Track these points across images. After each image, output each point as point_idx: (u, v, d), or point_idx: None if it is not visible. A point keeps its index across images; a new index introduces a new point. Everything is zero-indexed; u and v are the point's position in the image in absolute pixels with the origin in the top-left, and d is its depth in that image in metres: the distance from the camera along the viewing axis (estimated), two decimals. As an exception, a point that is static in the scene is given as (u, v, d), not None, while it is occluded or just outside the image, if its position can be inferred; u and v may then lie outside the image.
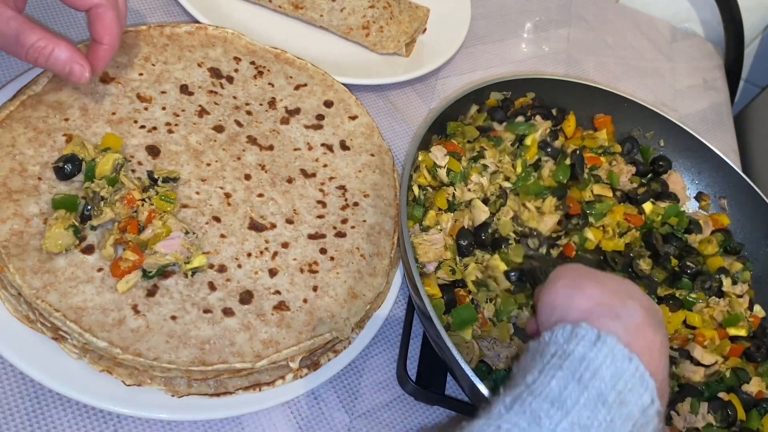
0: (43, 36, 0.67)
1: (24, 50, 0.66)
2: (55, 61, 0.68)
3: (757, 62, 1.54)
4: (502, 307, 0.84)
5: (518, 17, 1.33)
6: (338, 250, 0.80)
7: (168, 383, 0.68)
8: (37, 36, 0.66)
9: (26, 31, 0.66)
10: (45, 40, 0.67)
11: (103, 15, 0.71)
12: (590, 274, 0.63)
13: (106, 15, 0.71)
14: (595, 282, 0.61)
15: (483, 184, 0.92)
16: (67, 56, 0.68)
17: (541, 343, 0.57)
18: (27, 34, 0.66)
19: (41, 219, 0.69)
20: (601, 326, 0.55)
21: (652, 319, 0.58)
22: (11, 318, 0.67)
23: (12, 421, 0.65)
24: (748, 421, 0.84)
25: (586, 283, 0.60)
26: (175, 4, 1.02)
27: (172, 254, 0.70)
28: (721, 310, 0.95)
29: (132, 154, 0.78)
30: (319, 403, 0.75)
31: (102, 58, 0.72)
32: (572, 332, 0.55)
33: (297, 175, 0.85)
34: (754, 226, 1.04)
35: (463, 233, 0.87)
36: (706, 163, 1.08)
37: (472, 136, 0.97)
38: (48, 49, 0.67)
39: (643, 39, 1.43)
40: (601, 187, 1.01)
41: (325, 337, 0.72)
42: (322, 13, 1.06)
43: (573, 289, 0.60)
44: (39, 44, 0.66)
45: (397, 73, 1.06)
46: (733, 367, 0.88)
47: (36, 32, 0.66)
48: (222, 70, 0.90)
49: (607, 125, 1.09)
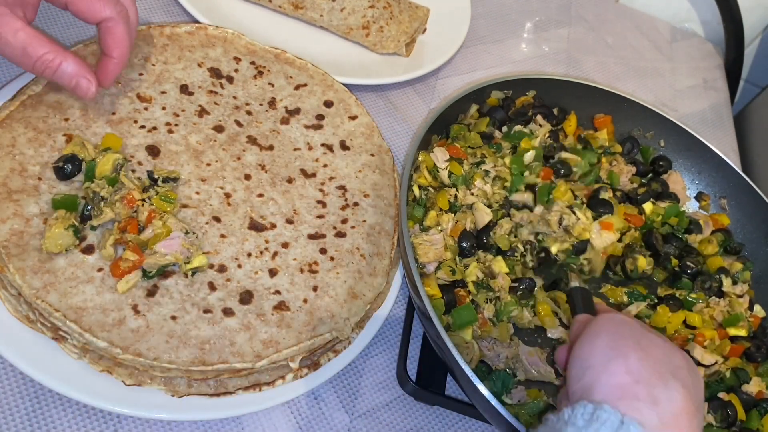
0: (51, 49, 0.66)
1: (31, 62, 0.66)
2: (62, 75, 0.68)
3: (757, 62, 1.54)
4: (503, 308, 0.84)
5: (518, 17, 1.33)
6: (338, 250, 0.80)
7: (168, 383, 0.68)
8: (44, 49, 0.66)
9: (34, 42, 0.65)
10: (53, 53, 0.66)
11: (114, 29, 0.70)
12: (635, 334, 0.59)
13: (116, 29, 0.70)
14: (637, 348, 0.56)
15: (486, 191, 0.92)
16: (74, 70, 0.68)
17: (560, 420, 0.53)
18: (35, 46, 0.65)
19: (41, 219, 0.69)
20: (634, 412, 0.51)
21: (692, 404, 0.54)
22: (11, 318, 0.67)
23: (12, 421, 0.65)
24: (748, 421, 0.84)
25: (628, 349, 0.56)
26: (175, 4, 1.02)
27: (172, 254, 0.70)
28: (721, 310, 0.95)
29: (132, 154, 0.78)
30: (319, 403, 0.75)
31: (111, 71, 0.72)
32: (593, 415, 0.51)
33: (297, 175, 0.85)
34: (754, 226, 1.04)
35: (465, 235, 0.87)
36: (706, 163, 1.08)
37: (475, 143, 0.97)
38: (56, 63, 0.67)
39: (643, 39, 1.43)
40: None
41: (325, 337, 0.72)
42: (322, 13, 1.06)
43: (613, 351, 0.56)
44: (47, 57, 0.66)
45: (397, 73, 1.06)
46: (733, 367, 0.88)
47: (44, 44, 0.66)
48: (222, 70, 0.90)
49: (607, 125, 1.09)
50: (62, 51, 0.67)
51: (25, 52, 0.65)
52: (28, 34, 0.65)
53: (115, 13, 0.69)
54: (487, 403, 0.67)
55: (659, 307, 0.93)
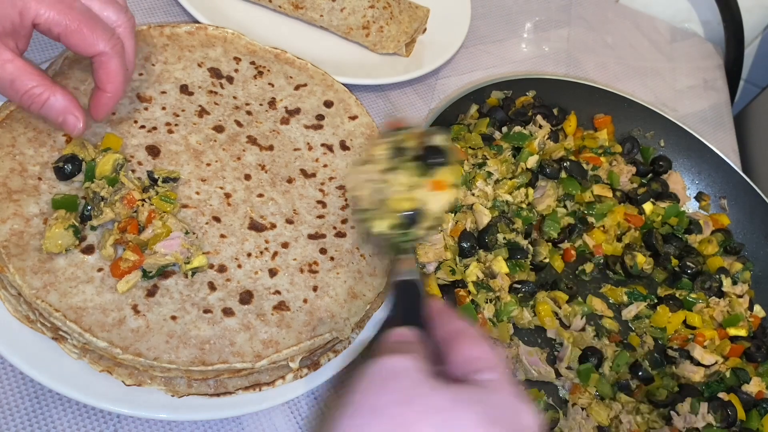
0: (40, 82, 0.64)
1: (19, 96, 0.64)
2: (49, 110, 0.66)
3: (757, 62, 1.54)
4: (502, 308, 0.84)
5: (518, 17, 1.34)
6: (338, 250, 0.80)
7: (168, 383, 0.68)
8: (33, 82, 0.64)
9: (22, 76, 0.64)
10: (41, 87, 0.64)
11: (107, 63, 0.67)
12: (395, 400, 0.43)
13: (110, 63, 0.67)
14: None
15: (487, 193, 0.92)
16: (62, 106, 0.66)
17: None
18: (23, 79, 0.64)
19: (41, 219, 0.69)
20: None
21: None
22: (11, 318, 0.67)
23: (12, 421, 0.65)
24: (748, 421, 0.84)
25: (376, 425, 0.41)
26: (175, 4, 1.02)
27: (172, 254, 0.70)
28: (721, 310, 0.95)
29: (132, 154, 0.78)
30: (319, 403, 0.75)
31: (104, 105, 0.70)
32: None
33: (297, 175, 0.85)
34: (754, 226, 1.04)
35: (465, 235, 0.87)
36: (706, 163, 1.08)
37: (475, 144, 0.97)
38: (43, 97, 0.65)
39: (643, 39, 1.43)
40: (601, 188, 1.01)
41: (325, 337, 0.72)
42: (322, 13, 1.06)
43: None
44: (34, 91, 0.64)
45: (397, 73, 1.06)
46: (733, 367, 0.88)
47: (33, 78, 0.64)
48: (222, 70, 0.90)
49: (607, 125, 1.09)
50: (51, 85, 0.65)
51: (13, 85, 0.64)
52: (17, 66, 0.63)
53: (110, 47, 0.66)
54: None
55: (659, 307, 0.93)
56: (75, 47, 0.66)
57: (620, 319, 0.93)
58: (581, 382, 0.83)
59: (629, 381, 0.85)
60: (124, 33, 0.69)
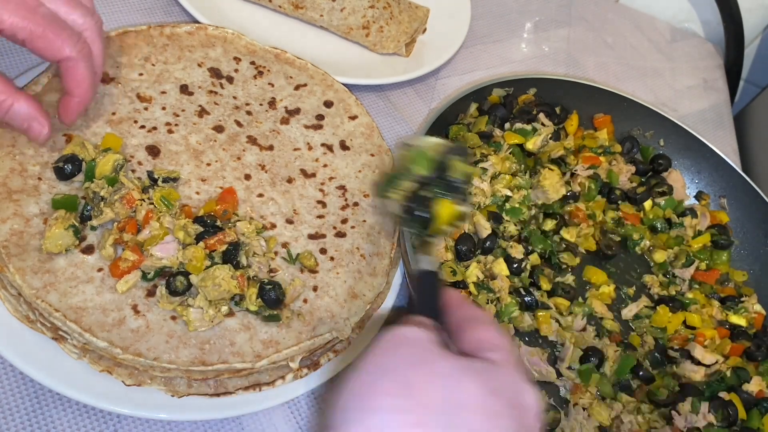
0: (4, 89, 0.63)
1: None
2: (14, 116, 0.65)
3: (757, 62, 1.54)
4: (503, 309, 0.84)
5: (518, 17, 1.34)
6: (338, 250, 0.80)
7: (168, 383, 0.68)
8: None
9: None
10: (4, 94, 0.63)
11: (74, 68, 0.66)
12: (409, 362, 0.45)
13: (77, 68, 0.66)
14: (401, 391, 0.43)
15: (485, 189, 0.92)
16: (26, 113, 0.65)
17: None
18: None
19: (41, 219, 0.69)
20: None
21: None
22: (11, 318, 0.67)
23: (12, 421, 0.65)
24: (748, 420, 0.84)
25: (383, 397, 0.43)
26: (175, 4, 1.02)
27: (167, 258, 0.70)
28: (721, 309, 0.95)
29: (132, 154, 0.78)
30: (319, 403, 0.75)
31: (72, 110, 0.69)
32: None
33: (297, 175, 0.85)
34: (753, 225, 1.04)
35: (463, 238, 0.87)
36: (705, 162, 1.08)
37: (474, 143, 0.97)
38: (6, 104, 0.64)
39: (643, 39, 1.43)
40: None
41: (325, 337, 0.72)
42: (322, 13, 1.06)
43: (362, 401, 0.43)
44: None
45: (397, 73, 1.06)
46: (733, 367, 0.88)
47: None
48: (222, 70, 0.90)
49: (607, 125, 1.09)
50: (14, 92, 0.64)
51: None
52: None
53: (76, 51, 0.64)
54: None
55: (659, 307, 0.93)
56: (40, 52, 0.64)
57: (620, 319, 0.93)
58: (582, 382, 0.83)
59: (630, 381, 0.85)
60: (91, 36, 0.67)
